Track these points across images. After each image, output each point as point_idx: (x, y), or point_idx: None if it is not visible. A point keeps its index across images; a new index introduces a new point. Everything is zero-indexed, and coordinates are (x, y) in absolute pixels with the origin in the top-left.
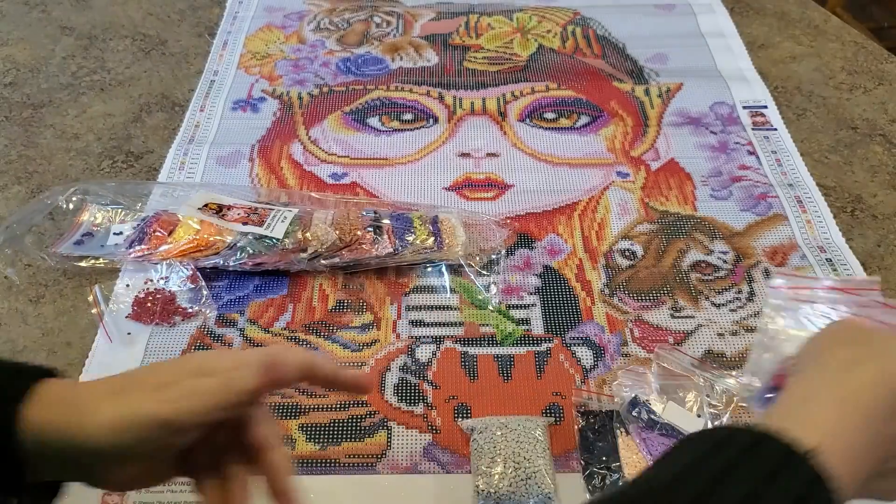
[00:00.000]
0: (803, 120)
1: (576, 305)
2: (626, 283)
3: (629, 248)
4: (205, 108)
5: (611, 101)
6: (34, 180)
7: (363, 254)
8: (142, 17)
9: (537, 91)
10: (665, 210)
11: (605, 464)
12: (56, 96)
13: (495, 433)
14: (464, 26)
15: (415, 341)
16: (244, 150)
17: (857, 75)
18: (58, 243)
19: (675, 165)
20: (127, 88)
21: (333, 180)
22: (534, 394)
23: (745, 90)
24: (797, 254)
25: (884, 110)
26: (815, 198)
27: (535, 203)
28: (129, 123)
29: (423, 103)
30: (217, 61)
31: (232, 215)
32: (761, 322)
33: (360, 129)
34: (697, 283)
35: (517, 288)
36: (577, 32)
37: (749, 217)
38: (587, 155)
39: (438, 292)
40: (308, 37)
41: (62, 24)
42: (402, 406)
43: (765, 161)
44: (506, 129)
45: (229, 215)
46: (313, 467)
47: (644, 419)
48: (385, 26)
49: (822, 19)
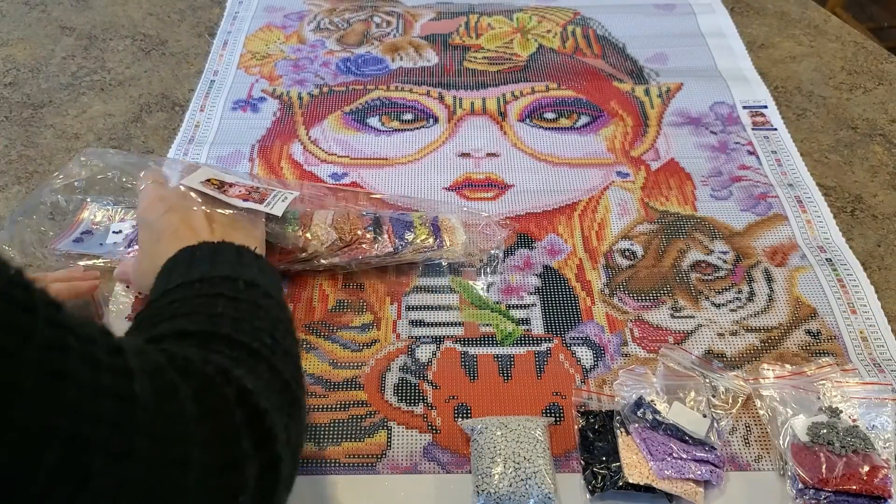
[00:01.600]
0: (803, 120)
1: (576, 305)
2: (626, 283)
3: (629, 248)
4: (205, 108)
5: (611, 101)
6: (34, 180)
7: (363, 253)
8: (142, 17)
9: (537, 91)
10: (665, 210)
11: (605, 464)
12: (56, 96)
13: (495, 433)
14: (464, 26)
15: (415, 341)
16: (244, 150)
17: (857, 75)
18: (57, 241)
19: (675, 165)
20: (127, 88)
21: (333, 180)
22: (534, 394)
23: (745, 90)
24: (797, 254)
25: (884, 110)
26: (815, 198)
27: (535, 203)
28: (129, 123)
29: (423, 103)
30: (217, 61)
31: (233, 192)
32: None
33: (360, 129)
34: (697, 283)
35: (517, 288)
36: (577, 32)
37: (749, 217)
38: (587, 155)
39: (438, 292)
40: (308, 37)
41: (62, 24)
42: (402, 406)
43: (765, 161)
44: (506, 129)
45: (230, 191)
46: (313, 467)
47: (648, 419)
48: (385, 26)
49: (822, 19)
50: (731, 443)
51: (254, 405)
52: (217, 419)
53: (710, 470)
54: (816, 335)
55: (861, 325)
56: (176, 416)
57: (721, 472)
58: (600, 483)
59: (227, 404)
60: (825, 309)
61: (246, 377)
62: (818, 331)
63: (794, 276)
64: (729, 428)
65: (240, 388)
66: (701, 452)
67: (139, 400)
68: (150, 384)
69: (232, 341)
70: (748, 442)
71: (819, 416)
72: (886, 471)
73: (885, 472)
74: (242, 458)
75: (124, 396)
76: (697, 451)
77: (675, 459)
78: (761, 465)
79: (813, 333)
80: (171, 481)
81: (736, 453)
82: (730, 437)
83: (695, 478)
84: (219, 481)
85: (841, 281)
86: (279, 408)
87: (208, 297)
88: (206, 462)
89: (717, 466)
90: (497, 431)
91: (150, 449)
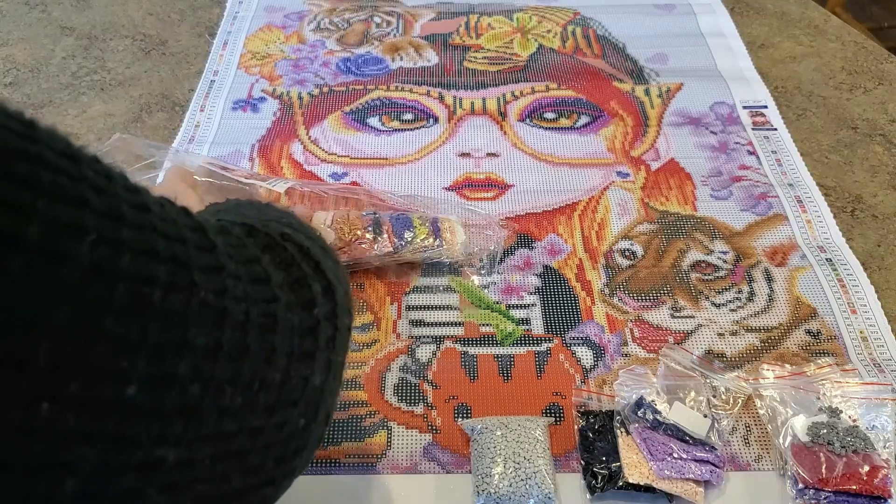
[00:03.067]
0: (803, 120)
1: (576, 305)
2: (626, 283)
3: (629, 248)
4: (205, 108)
5: (611, 101)
6: None
7: (363, 254)
8: (142, 17)
9: (537, 91)
10: (665, 210)
11: (605, 464)
12: (56, 96)
13: (495, 433)
14: (464, 26)
15: (415, 341)
16: (244, 149)
17: (857, 75)
18: None
19: (675, 165)
20: (127, 88)
21: (333, 180)
22: (534, 394)
23: (745, 90)
24: (797, 254)
25: (884, 110)
26: (815, 198)
27: (535, 203)
28: (130, 123)
29: (423, 103)
30: (217, 61)
31: (237, 173)
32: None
33: (360, 129)
34: (697, 283)
35: (517, 288)
36: (577, 32)
37: (749, 217)
38: (587, 155)
39: (438, 292)
40: (308, 37)
41: (62, 24)
42: (402, 406)
43: (765, 161)
44: (506, 128)
45: (234, 173)
46: (313, 467)
47: (649, 420)
48: (385, 26)
49: (822, 19)
50: (731, 443)
51: (298, 242)
52: (272, 250)
53: (710, 470)
54: (816, 335)
55: (861, 325)
56: (252, 261)
57: (721, 472)
58: (600, 483)
59: (274, 240)
60: (825, 309)
61: (302, 239)
62: (818, 331)
63: (794, 276)
64: (729, 428)
65: (299, 244)
66: (701, 452)
67: (218, 248)
68: (222, 238)
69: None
70: (748, 442)
71: (819, 416)
72: (886, 471)
73: (885, 472)
74: (305, 276)
75: (202, 240)
76: (698, 451)
77: (675, 459)
78: (761, 465)
79: (813, 333)
80: (260, 291)
81: (736, 453)
82: (730, 437)
83: (695, 478)
84: (293, 294)
85: (841, 281)
86: (320, 250)
87: (230, 209)
88: (278, 279)
89: (718, 466)
90: (497, 431)
91: (235, 267)
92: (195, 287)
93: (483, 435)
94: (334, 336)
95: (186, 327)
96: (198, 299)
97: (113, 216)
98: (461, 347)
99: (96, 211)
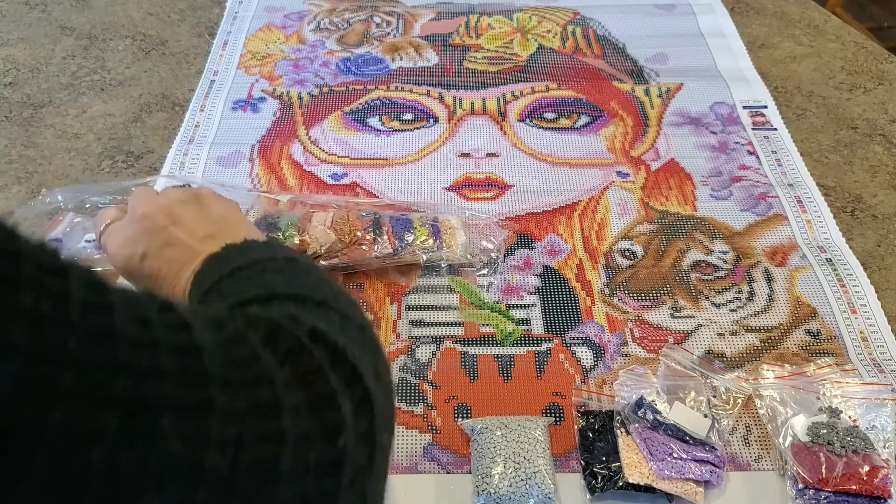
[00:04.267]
0: (803, 120)
1: (576, 305)
2: (626, 283)
3: (629, 248)
4: (205, 108)
5: (611, 101)
6: (34, 180)
7: (363, 255)
8: (142, 17)
9: (537, 91)
10: (665, 210)
11: (605, 464)
12: (56, 96)
13: (495, 433)
14: (464, 26)
15: (415, 341)
16: (244, 150)
17: (857, 75)
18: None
19: (675, 165)
20: (127, 88)
21: (333, 180)
22: (534, 394)
23: (745, 90)
24: (797, 254)
25: (884, 110)
26: (815, 198)
27: (535, 203)
28: (130, 123)
29: (423, 103)
30: (217, 61)
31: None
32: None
33: (360, 129)
34: (697, 283)
35: (517, 288)
36: (577, 32)
37: (749, 217)
38: (587, 155)
39: (438, 292)
40: (308, 37)
41: (62, 24)
42: (402, 406)
43: (765, 161)
44: (506, 129)
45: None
46: None
47: (649, 419)
48: (385, 26)
49: (822, 19)
50: (731, 443)
51: (331, 342)
52: (294, 359)
53: (710, 470)
54: (816, 335)
55: (861, 325)
56: (249, 361)
57: (721, 472)
58: (600, 483)
59: (300, 344)
60: (825, 309)
61: (316, 320)
62: (818, 331)
63: (794, 276)
64: (729, 428)
65: (311, 328)
66: (701, 452)
67: (203, 350)
68: (213, 335)
69: (292, 296)
70: (748, 442)
71: (819, 416)
72: (886, 471)
73: (885, 472)
74: (332, 394)
75: (183, 348)
76: (698, 451)
77: (675, 459)
78: (761, 465)
79: (813, 333)
80: (262, 427)
81: (736, 453)
82: (730, 437)
83: (695, 478)
84: (314, 420)
85: (841, 281)
86: (359, 346)
87: (254, 273)
88: (294, 401)
89: (718, 466)
90: (497, 431)
91: (228, 398)
92: (158, 436)
93: (483, 435)
94: (371, 459)
95: (140, 492)
96: (161, 453)
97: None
98: (461, 347)
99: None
